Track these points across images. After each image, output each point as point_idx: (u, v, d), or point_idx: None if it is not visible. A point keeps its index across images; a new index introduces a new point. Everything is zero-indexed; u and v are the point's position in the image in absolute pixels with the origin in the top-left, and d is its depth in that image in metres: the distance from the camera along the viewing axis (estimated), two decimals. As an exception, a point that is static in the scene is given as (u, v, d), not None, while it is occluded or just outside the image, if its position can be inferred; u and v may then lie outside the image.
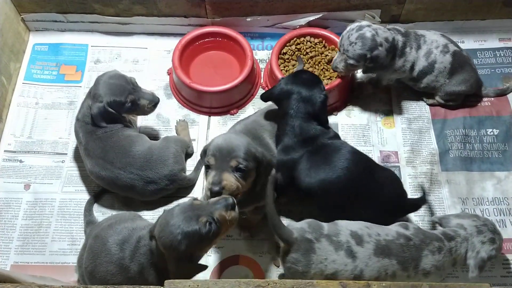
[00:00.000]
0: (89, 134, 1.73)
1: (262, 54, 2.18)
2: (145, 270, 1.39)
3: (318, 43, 2.04)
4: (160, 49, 2.18)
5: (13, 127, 1.99)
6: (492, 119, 1.97)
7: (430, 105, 2.01)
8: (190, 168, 1.87)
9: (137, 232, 1.45)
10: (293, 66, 2.00)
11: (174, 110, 2.03)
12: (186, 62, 2.04)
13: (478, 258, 1.45)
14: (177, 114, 2.02)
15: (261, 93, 1.75)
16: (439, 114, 2.00)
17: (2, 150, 1.93)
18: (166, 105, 2.04)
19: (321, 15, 2.10)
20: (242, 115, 2.00)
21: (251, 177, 1.43)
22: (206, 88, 1.94)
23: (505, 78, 2.07)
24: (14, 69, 2.09)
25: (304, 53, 2.02)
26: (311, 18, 2.11)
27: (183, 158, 1.83)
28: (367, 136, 1.96)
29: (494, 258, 1.48)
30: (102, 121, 1.71)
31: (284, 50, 2.03)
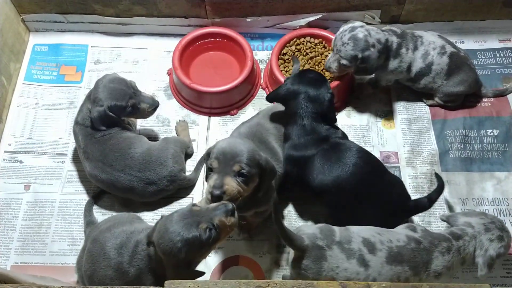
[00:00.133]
0: (88, 137, 1.73)
1: (262, 54, 2.18)
2: (143, 275, 1.39)
3: (318, 44, 2.04)
4: (160, 49, 2.18)
5: (13, 128, 1.99)
6: (492, 120, 1.97)
7: (430, 105, 2.02)
8: (190, 168, 1.87)
9: (135, 236, 1.45)
10: (293, 66, 2.00)
11: (174, 111, 2.03)
12: (186, 62, 2.04)
13: (487, 256, 1.43)
14: (177, 114, 2.02)
15: (261, 93, 1.75)
16: (439, 114, 2.00)
17: (2, 151, 1.93)
18: (166, 105, 2.03)
19: (321, 16, 2.10)
20: (242, 116, 2.00)
21: (253, 182, 1.43)
22: (206, 88, 1.94)
23: (505, 79, 2.07)
24: (14, 69, 2.09)
25: (304, 53, 2.02)
26: (311, 19, 2.11)
27: (183, 159, 1.82)
28: (367, 136, 1.96)
29: (503, 256, 1.46)
30: (102, 124, 1.71)
31: (284, 51, 2.03)
